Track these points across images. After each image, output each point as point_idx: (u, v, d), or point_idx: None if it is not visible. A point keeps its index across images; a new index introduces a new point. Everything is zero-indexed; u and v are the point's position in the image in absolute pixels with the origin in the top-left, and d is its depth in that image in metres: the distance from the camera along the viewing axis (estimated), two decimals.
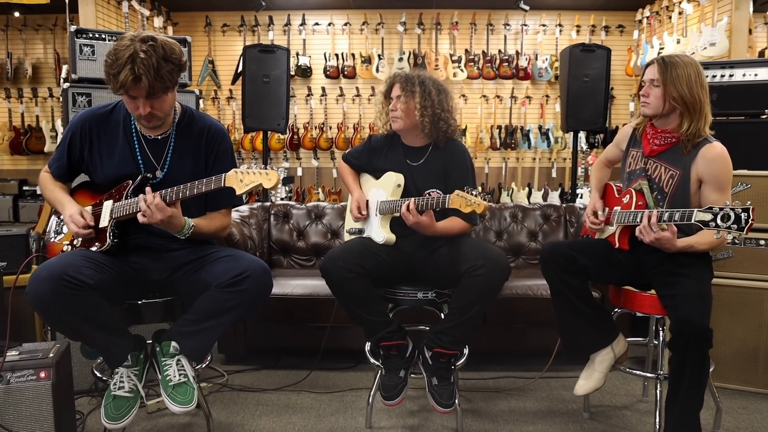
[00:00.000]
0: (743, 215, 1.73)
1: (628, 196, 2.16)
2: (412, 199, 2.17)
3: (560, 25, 6.33)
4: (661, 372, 2.15)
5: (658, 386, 2.12)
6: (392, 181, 2.35)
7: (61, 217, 2.07)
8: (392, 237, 2.33)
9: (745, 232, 1.72)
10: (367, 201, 2.44)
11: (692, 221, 1.82)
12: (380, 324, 2.21)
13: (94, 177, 2.04)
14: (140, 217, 1.83)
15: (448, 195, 2.08)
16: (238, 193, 1.76)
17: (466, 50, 6.27)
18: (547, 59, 6.25)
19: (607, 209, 2.26)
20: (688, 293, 1.90)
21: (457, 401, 2.15)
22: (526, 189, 6.40)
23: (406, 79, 2.35)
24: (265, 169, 1.77)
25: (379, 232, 2.34)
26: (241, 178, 1.76)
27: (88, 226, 1.92)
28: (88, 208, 2.01)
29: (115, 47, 1.78)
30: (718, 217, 1.76)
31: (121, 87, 1.77)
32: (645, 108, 2.09)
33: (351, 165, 2.59)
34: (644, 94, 2.09)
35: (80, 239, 1.98)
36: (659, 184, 2.10)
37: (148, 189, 1.84)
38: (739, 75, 3.09)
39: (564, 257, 2.13)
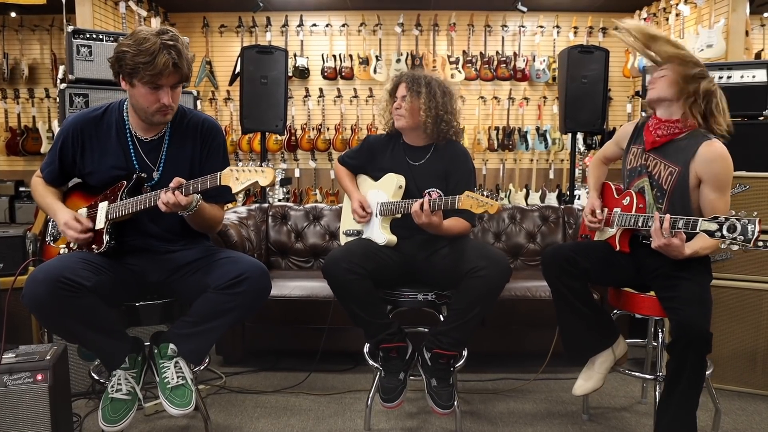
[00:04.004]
0: (750, 227, 1.71)
1: (628, 197, 2.15)
2: (425, 199, 2.15)
3: (558, 26, 6.34)
4: (660, 374, 2.14)
5: (657, 388, 2.11)
6: (393, 183, 2.34)
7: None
8: (393, 238, 2.33)
9: (751, 245, 1.71)
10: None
11: (697, 230, 1.81)
12: (381, 326, 2.21)
13: (88, 179, 2.03)
14: (163, 207, 1.81)
15: (457, 195, 2.07)
16: (234, 191, 1.75)
17: (464, 51, 6.27)
18: (544, 60, 6.26)
19: (606, 209, 2.26)
20: (688, 297, 1.90)
21: (456, 403, 2.14)
22: (524, 190, 6.41)
23: (412, 80, 2.36)
24: (261, 166, 1.76)
25: (380, 233, 2.33)
26: (237, 176, 1.75)
27: (86, 230, 1.90)
28: (83, 211, 1.99)
29: (134, 39, 1.78)
30: (724, 227, 1.75)
31: (159, 74, 1.77)
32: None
33: (347, 166, 2.58)
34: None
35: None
36: (658, 181, 2.09)
37: (167, 193, 1.81)
38: (737, 77, 3.10)
39: (566, 260, 2.12)
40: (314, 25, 6.40)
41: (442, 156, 2.39)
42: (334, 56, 6.28)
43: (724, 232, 1.75)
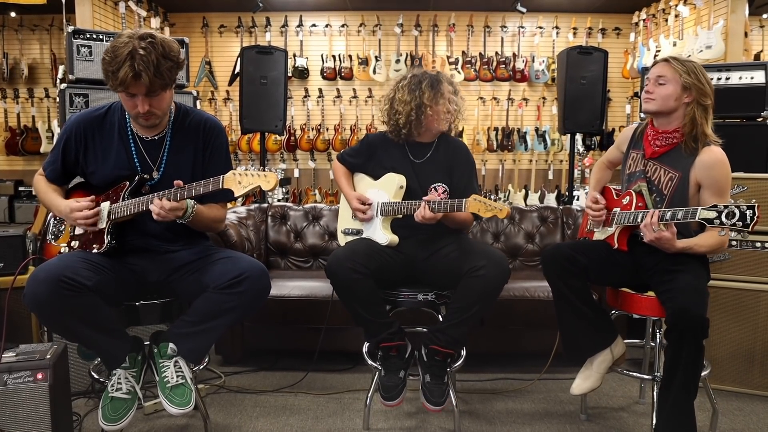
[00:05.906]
0: (748, 212, 1.73)
1: (628, 197, 2.16)
2: (424, 203, 2.16)
3: (557, 27, 6.36)
4: (658, 374, 2.15)
5: (655, 388, 2.12)
6: (394, 183, 2.35)
7: (59, 218, 2.07)
8: (395, 238, 2.34)
9: (750, 229, 1.72)
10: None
11: (696, 219, 1.82)
12: (382, 325, 2.22)
13: (89, 179, 2.03)
14: (156, 217, 1.83)
15: (464, 199, 2.09)
16: (236, 195, 1.76)
17: (463, 52, 6.28)
18: (543, 61, 6.27)
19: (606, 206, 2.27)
20: (684, 286, 1.91)
21: (454, 402, 2.15)
22: (523, 191, 6.42)
23: (453, 97, 2.37)
24: (264, 171, 1.77)
25: (382, 234, 2.34)
26: (240, 180, 1.75)
27: (92, 206, 1.91)
28: None
29: (112, 44, 1.77)
30: (723, 214, 1.76)
31: (121, 84, 1.76)
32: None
33: (347, 164, 2.55)
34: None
35: (77, 242, 1.98)
36: (658, 186, 2.11)
37: (155, 199, 1.82)
38: (736, 78, 3.11)
39: (566, 258, 2.13)
40: (314, 25, 6.41)
41: (444, 151, 2.41)
42: (334, 57, 6.29)
43: (723, 218, 1.76)
